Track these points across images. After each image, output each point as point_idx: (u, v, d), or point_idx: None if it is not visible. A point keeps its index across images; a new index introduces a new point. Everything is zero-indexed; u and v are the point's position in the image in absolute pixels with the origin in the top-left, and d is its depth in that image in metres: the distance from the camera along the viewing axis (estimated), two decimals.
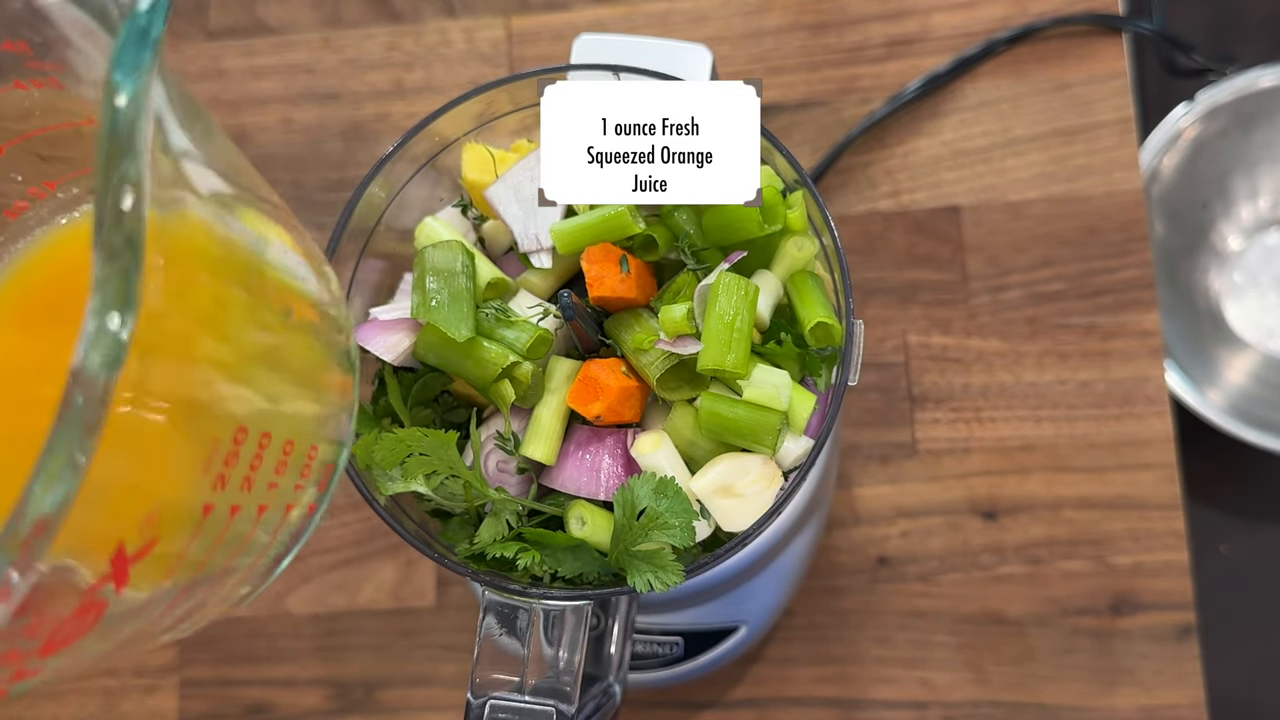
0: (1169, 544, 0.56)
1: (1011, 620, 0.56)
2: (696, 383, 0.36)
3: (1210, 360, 0.91)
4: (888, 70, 0.61)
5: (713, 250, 0.36)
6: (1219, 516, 0.95)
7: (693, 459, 0.36)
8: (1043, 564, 0.57)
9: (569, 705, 0.35)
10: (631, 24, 0.63)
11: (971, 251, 0.59)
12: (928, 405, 0.58)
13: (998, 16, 0.61)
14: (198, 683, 0.59)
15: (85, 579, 0.19)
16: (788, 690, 0.57)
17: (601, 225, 0.35)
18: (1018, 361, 0.58)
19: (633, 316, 0.36)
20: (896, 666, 0.57)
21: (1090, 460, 0.57)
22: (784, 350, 0.35)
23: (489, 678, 0.35)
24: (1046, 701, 0.56)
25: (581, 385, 0.35)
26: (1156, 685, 0.55)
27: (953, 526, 0.57)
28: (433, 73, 0.63)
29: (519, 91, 0.38)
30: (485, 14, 0.64)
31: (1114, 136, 0.60)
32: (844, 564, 0.57)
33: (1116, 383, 0.58)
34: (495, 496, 0.35)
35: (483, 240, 0.40)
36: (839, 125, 0.61)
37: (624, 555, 0.34)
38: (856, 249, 0.60)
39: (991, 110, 0.61)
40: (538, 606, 0.35)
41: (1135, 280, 0.58)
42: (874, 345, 0.59)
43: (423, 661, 0.58)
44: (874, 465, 0.58)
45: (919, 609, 0.57)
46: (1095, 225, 0.59)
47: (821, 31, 0.62)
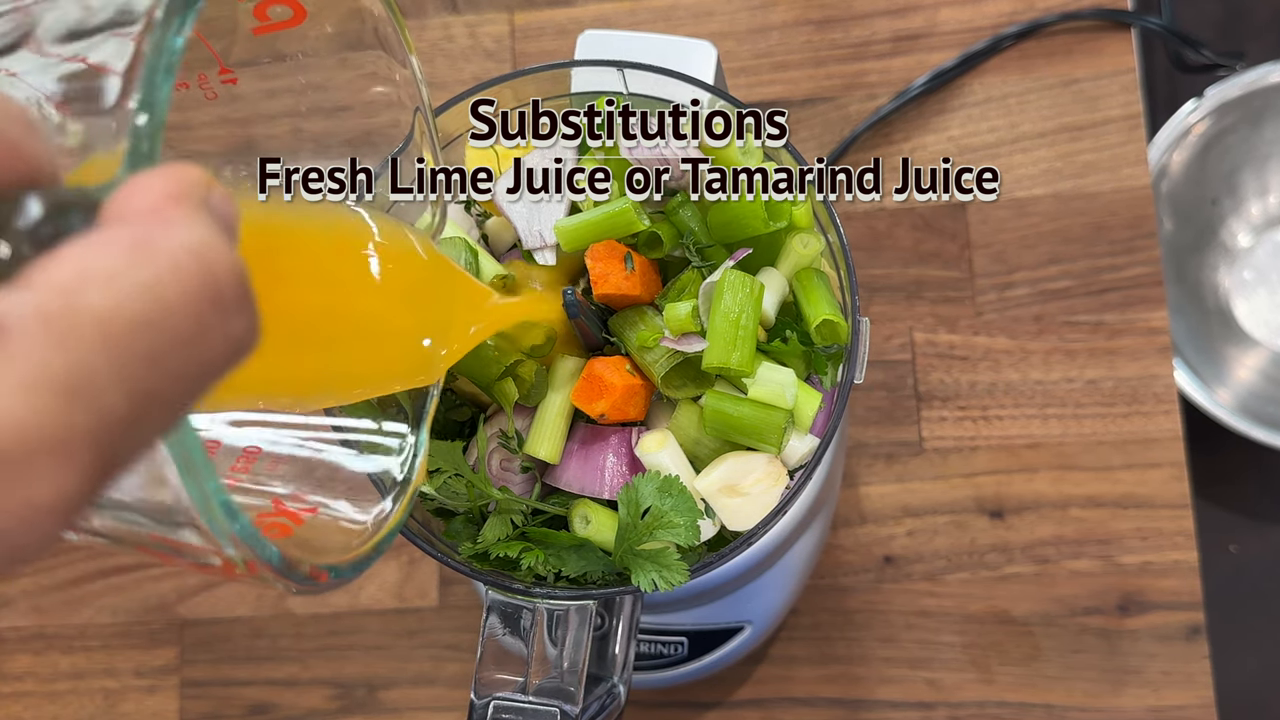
0: (1177, 543, 0.56)
1: (1018, 620, 0.56)
2: (701, 381, 0.35)
3: (1219, 358, 0.90)
4: (894, 66, 0.61)
5: (718, 247, 0.36)
6: (1228, 516, 0.95)
7: (697, 457, 0.36)
8: (1050, 563, 0.56)
9: (573, 705, 0.34)
10: (635, 19, 0.62)
11: (978, 248, 0.59)
12: (934, 403, 0.58)
13: (1005, 12, 0.61)
14: (199, 683, 0.59)
15: None
16: (793, 690, 0.57)
17: (606, 222, 0.35)
18: (1025, 359, 0.58)
19: (637, 314, 0.36)
20: (902, 666, 0.56)
21: (1098, 459, 0.57)
22: (789, 348, 0.35)
23: (492, 678, 0.35)
24: (1053, 702, 0.55)
25: (586, 383, 0.35)
26: (1165, 685, 0.55)
27: (959, 525, 0.57)
28: (436, 68, 0.63)
29: (522, 87, 0.38)
30: (489, 9, 0.63)
31: (1122, 133, 0.59)
32: (849, 563, 0.57)
33: (1124, 381, 0.57)
34: (499, 496, 0.35)
35: (486, 237, 0.39)
36: (845, 121, 0.61)
37: (628, 554, 0.33)
38: (862, 246, 0.60)
39: (998, 106, 0.60)
40: (541, 606, 0.35)
41: (1143, 278, 0.58)
42: (880, 343, 0.59)
43: (425, 661, 0.58)
44: (880, 464, 0.58)
45: (925, 608, 0.56)
46: (1103, 222, 0.59)
47: (827, 27, 0.62)
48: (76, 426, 0.15)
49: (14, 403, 0.14)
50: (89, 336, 0.15)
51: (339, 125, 0.30)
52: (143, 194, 0.17)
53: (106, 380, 0.15)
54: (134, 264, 0.16)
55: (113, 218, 0.17)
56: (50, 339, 0.15)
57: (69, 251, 0.16)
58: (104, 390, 0.15)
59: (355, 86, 0.29)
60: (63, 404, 0.15)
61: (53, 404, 0.15)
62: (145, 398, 0.16)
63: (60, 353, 0.15)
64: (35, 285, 0.15)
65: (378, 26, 0.28)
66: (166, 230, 0.16)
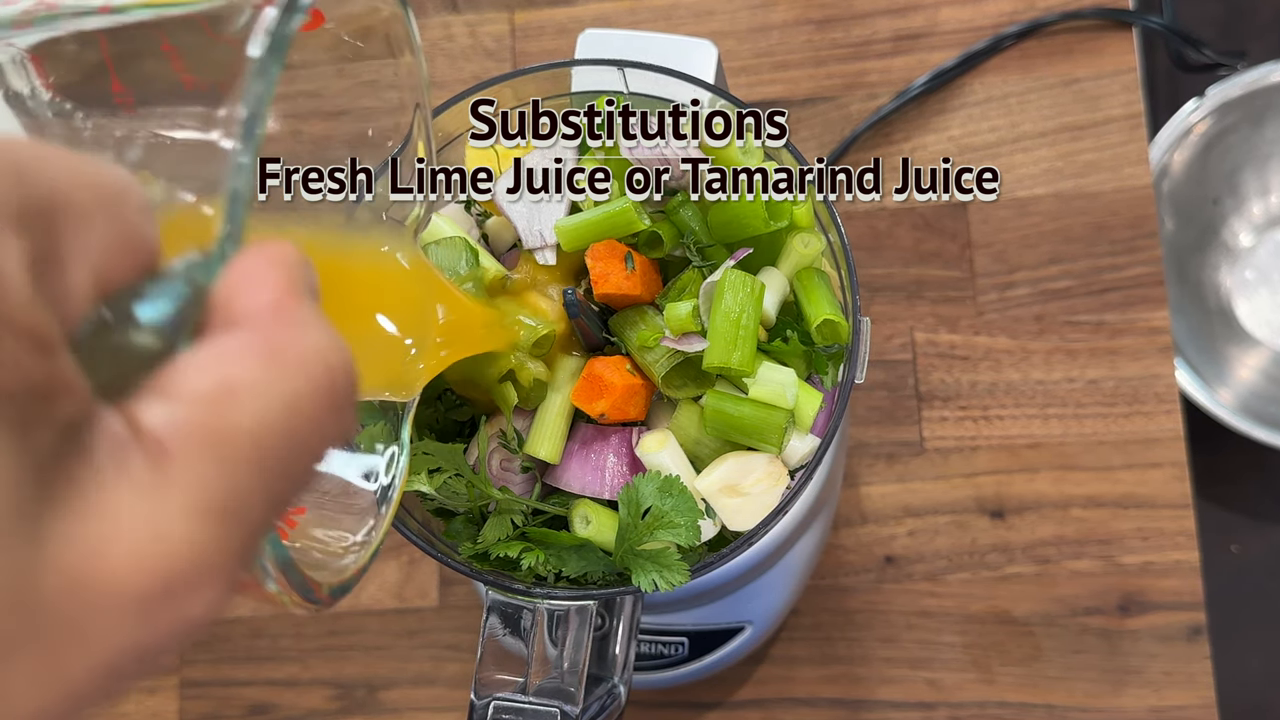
0: (1179, 543, 0.56)
1: (1019, 620, 0.56)
2: (702, 381, 0.35)
3: (1220, 358, 0.90)
4: (894, 65, 0.61)
5: (718, 247, 0.36)
6: (1229, 516, 0.95)
7: (698, 457, 0.35)
8: (1051, 563, 0.56)
9: (573, 706, 0.34)
10: (636, 19, 0.62)
11: (979, 248, 0.59)
12: (935, 403, 0.58)
13: (1005, 11, 0.61)
14: (198, 683, 0.59)
15: None
16: (793, 690, 0.57)
17: (606, 222, 0.35)
18: (1026, 359, 0.58)
19: (638, 314, 0.36)
20: (903, 666, 0.56)
21: (1099, 459, 0.57)
22: (790, 348, 0.35)
23: (492, 678, 0.35)
24: (1054, 702, 0.55)
25: (586, 383, 0.35)
26: (1166, 686, 0.55)
27: (960, 525, 0.57)
28: (435, 68, 0.63)
29: (523, 87, 0.38)
30: (489, 9, 0.63)
31: (1123, 132, 0.59)
32: (850, 563, 0.57)
33: (1125, 381, 0.57)
34: (499, 496, 0.35)
35: (486, 237, 0.39)
36: (845, 121, 0.61)
37: (629, 555, 0.33)
38: (863, 245, 0.59)
39: (999, 106, 0.60)
40: (542, 606, 0.35)
41: (1144, 277, 0.58)
42: (881, 343, 0.59)
43: (425, 662, 0.58)
44: (881, 464, 0.58)
45: (926, 609, 0.56)
46: (1104, 222, 0.59)
47: (828, 26, 0.62)
48: (232, 547, 0.15)
49: (180, 529, 0.15)
50: (245, 457, 0.15)
51: (337, 128, 0.30)
52: (259, 288, 0.17)
53: (256, 497, 0.16)
54: (273, 376, 0.16)
55: (236, 316, 0.17)
56: (210, 462, 0.15)
57: (208, 359, 0.16)
58: (253, 507, 0.16)
59: (355, 93, 0.29)
60: (222, 528, 0.15)
61: (214, 529, 0.15)
62: (279, 504, 0.16)
63: (219, 476, 0.15)
64: (184, 398, 0.16)
65: (389, 29, 0.28)
66: (294, 334, 0.17)
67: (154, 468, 0.15)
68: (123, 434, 0.15)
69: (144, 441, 0.15)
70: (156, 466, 0.15)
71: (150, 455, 0.15)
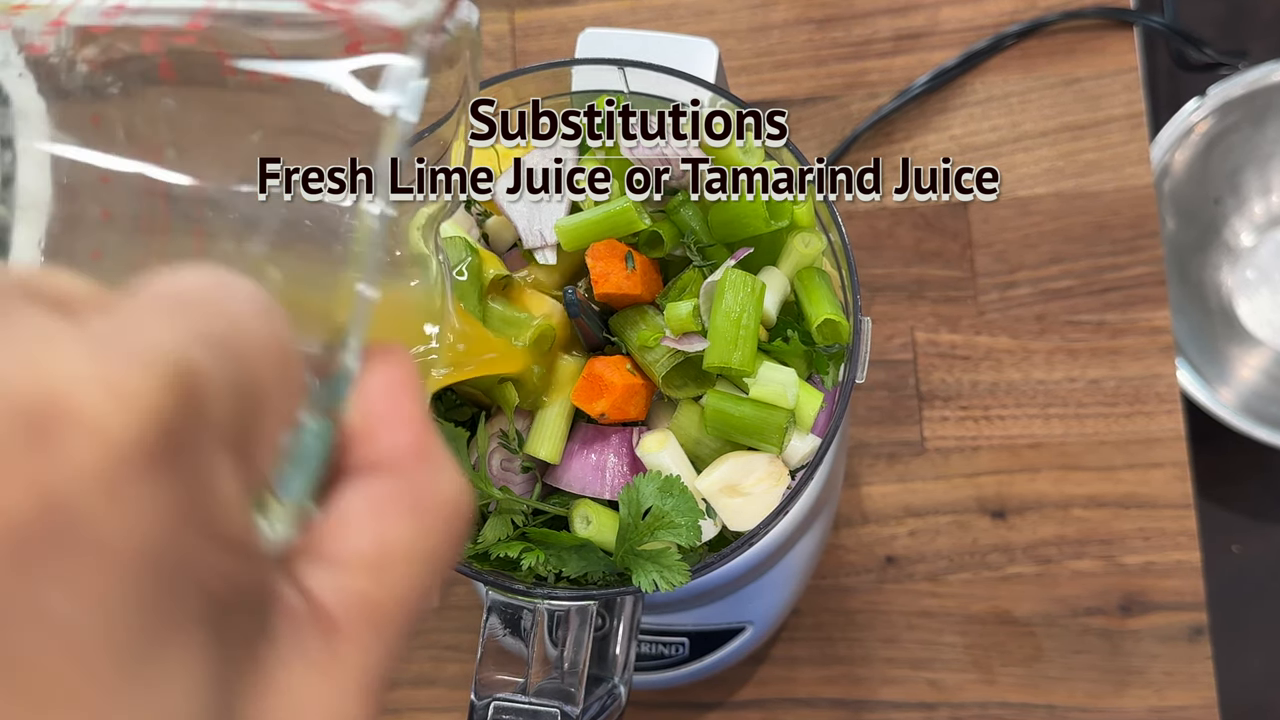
0: (1180, 543, 0.56)
1: (1020, 620, 0.56)
2: (702, 380, 0.35)
3: (1222, 358, 0.90)
4: (895, 65, 0.61)
5: (719, 246, 0.36)
6: (1231, 516, 0.94)
7: (699, 457, 0.35)
8: (1052, 563, 0.56)
9: (573, 706, 0.34)
10: (636, 18, 0.62)
11: (980, 248, 0.59)
12: (936, 403, 0.58)
13: (1006, 10, 0.60)
14: None
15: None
16: (794, 691, 0.57)
17: (606, 221, 0.35)
18: (1027, 359, 0.58)
19: (638, 313, 0.36)
20: (904, 667, 0.56)
21: (1100, 459, 0.57)
22: (791, 348, 0.35)
23: (493, 678, 0.34)
24: (1055, 702, 0.55)
25: (586, 383, 0.35)
26: (1167, 686, 0.55)
27: (961, 525, 0.57)
28: None
29: (523, 86, 0.38)
30: (488, 7, 0.63)
31: (1124, 132, 0.59)
32: (851, 563, 0.57)
33: (1127, 380, 0.57)
34: (499, 496, 0.35)
35: (486, 236, 0.39)
36: (846, 120, 0.61)
37: (629, 555, 0.33)
38: (864, 245, 0.59)
39: (1000, 105, 0.60)
40: (542, 607, 0.35)
41: (1146, 277, 0.58)
42: (881, 343, 0.58)
43: (425, 662, 0.58)
44: (881, 464, 0.58)
45: (927, 609, 0.56)
46: (1105, 221, 0.59)
47: (828, 26, 0.61)
48: (375, 715, 0.16)
49: (352, 710, 0.15)
50: (400, 630, 0.16)
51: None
52: (399, 425, 0.17)
53: (399, 658, 0.17)
54: (420, 533, 0.17)
55: (381, 459, 0.17)
56: (374, 638, 0.16)
57: (364, 516, 0.17)
58: (394, 667, 0.16)
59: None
60: (380, 698, 0.16)
61: (373, 705, 0.16)
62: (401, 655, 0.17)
63: (382, 652, 0.16)
64: (348, 565, 0.16)
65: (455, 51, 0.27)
66: (435, 481, 0.17)
67: (327, 646, 0.15)
68: (298, 608, 0.15)
69: (317, 615, 0.16)
70: (329, 645, 0.15)
71: (323, 632, 0.15)
